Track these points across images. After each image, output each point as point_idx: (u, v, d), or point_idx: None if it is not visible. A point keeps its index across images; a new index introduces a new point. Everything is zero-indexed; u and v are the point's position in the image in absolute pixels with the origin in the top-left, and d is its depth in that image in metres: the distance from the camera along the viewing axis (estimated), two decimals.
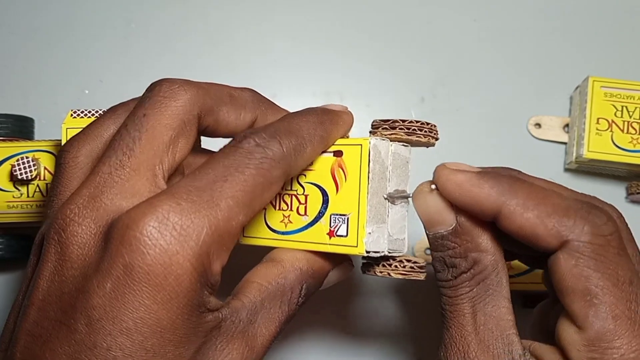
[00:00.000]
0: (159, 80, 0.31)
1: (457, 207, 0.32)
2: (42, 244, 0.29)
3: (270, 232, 0.36)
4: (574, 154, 0.50)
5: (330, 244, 0.34)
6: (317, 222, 0.35)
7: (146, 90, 0.31)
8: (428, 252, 0.50)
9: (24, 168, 0.43)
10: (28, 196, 0.44)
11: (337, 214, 0.34)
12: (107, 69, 0.52)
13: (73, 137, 0.33)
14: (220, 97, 0.32)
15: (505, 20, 0.54)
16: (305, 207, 0.35)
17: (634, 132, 0.49)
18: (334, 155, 0.35)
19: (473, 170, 0.32)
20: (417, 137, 0.35)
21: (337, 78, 0.53)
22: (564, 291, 0.30)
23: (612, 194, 0.52)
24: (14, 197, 0.44)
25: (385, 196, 0.34)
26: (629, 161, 0.49)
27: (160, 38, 0.53)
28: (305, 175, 0.35)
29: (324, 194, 0.35)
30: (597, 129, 0.49)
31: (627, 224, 0.32)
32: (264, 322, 0.31)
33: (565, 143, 0.52)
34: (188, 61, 0.52)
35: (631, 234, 0.32)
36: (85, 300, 0.25)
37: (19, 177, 0.43)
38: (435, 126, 0.35)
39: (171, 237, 0.26)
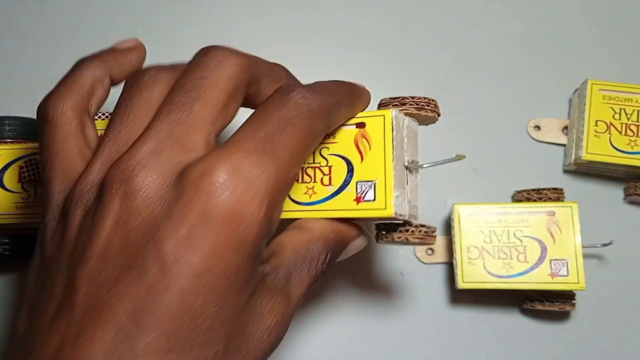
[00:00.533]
0: (212, 47, 0.31)
1: None
2: (66, 211, 0.29)
3: (295, 204, 0.37)
4: (573, 156, 0.50)
5: (358, 209, 0.36)
6: (342, 190, 0.37)
7: (198, 54, 0.31)
8: (430, 251, 0.50)
9: (32, 169, 0.43)
10: (36, 197, 0.44)
11: (363, 181, 0.36)
12: None
13: (53, 92, 0.33)
14: (264, 69, 0.33)
15: (505, 25, 0.55)
16: (330, 178, 0.37)
17: (631, 134, 0.49)
18: (356, 127, 0.37)
19: None
20: (425, 112, 0.37)
21: None
22: None
23: (610, 195, 0.52)
24: (21, 198, 0.44)
25: (406, 164, 0.36)
26: (627, 163, 0.49)
27: (165, 41, 0.53)
28: (328, 148, 0.37)
29: (349, 163, 0.37)
30: (596, 131, 0.49)
31: None
32: (296, 283, 0.32)
33: (564, 145, 0.52)
34: None
35: None
36: (157, 247, 0.26)
37: (28, 178, 0.43)
38: (437, 103, 0.38)
39: (244, 186, 0.27)
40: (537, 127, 0.52)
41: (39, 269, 0.30)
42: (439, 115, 0.38)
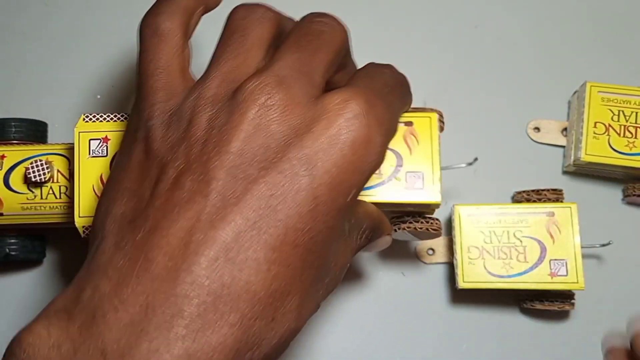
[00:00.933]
0: (325, 13, 0.34)
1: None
2: (184, 116, 0.30)
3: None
4: (572, 157, 0.50)
5: (408, 197, 0.41)
6: (392, 178, 0.41)
7: (313, 15, 0.34)
8: (430, 252, 0.50)
9: (38, 171, 0.43)
10: (41, 198, 0.44)
11: (412, 172, 0.41)
12: (118, 75, 0.52)
13: (161, 8, 0.34)
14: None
15: (505, 27, 0.55)
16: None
17: (630, 135, 0.49)
18: (405, 125, 0.42)
19: None
20: (441, 124, 0.43)
21: None
22: None
23: (609, 196, 0.52)
24: (27, 199, 0.44)
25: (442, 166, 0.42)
26: (626, 164, 0.49)
27: None
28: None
29: (398, 156, 0.41)
30: (595, 133, 0.49)
31: None
32: (350, 239, 0.34)
33: (563, 146, 0.52)
34: (199, 68, 0.53)
35: None
36: (300, 152, 0.28)
37: (33, 179, 0.43)
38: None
39: (377, 122, 0.30)
40: (537, 129, 0.52)
41: (143, 165, 0.30)
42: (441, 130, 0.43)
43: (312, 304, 0.31)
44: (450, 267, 0.50)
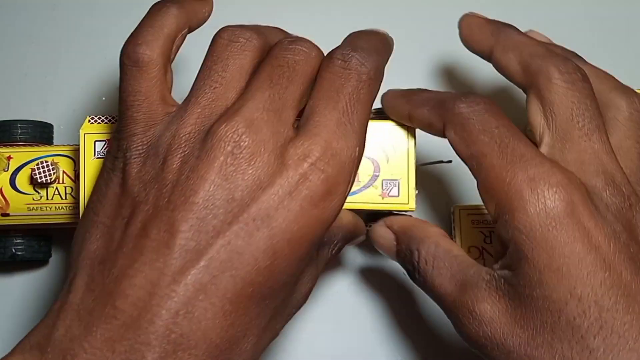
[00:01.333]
0: (301, 38, 0.35)
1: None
2: (160, 153, 0.32)
3: None
4: None
5: (384, 203, 0.41)
6: (369, 186, 0.41)
7: (289, 40, 0.34)
8: None
9: (44, 172, 0.43)
10: (47, 199, 0.44)
11: (388, 179, 0.41)
12: None
13: (139, 36, 0.35)
14: None
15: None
16: (358, 175, 0.41)
17: None
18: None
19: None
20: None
21: None
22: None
23: None
24: (33, 199, 0.44)
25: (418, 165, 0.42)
26: None
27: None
28: None
29: (375, 164, 0.42)
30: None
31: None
32: (320, 259, 0.36)
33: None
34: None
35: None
36: (260, 207, 0.30)
37: (39, 180, 0.43)
38: None
39: (338, 168, 0.31)
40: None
41: (118, 200, 0.32)
42: None
43: (269, 336, 0.33)
44: None
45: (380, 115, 0.43)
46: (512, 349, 0.33)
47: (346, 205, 0.39)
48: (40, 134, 0.47)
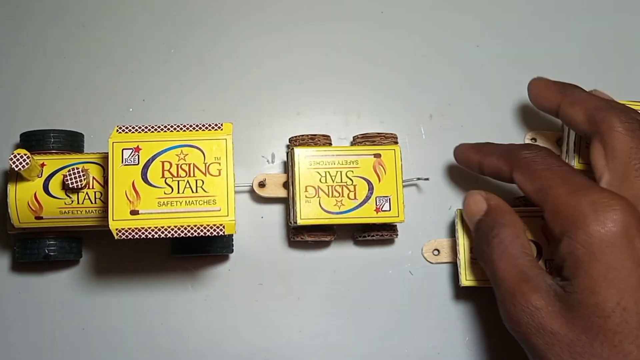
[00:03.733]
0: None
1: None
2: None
3: (326, 213, 0.46)
4: None
5: (378, 217, 0.46)
6: (365, 203, 0.46)
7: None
8: (436, 252, 0.50)
9: (75, 178, 0.43)
10: (78, 203, 0.45)
11: (381, 196, 0.46)
12: (149, 89, 0.53)
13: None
14: None
15: (505, 47, 0.55)
16: (355, 193, 0.46)
17: None
18: (374, 157, 0.47)
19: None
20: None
21: (355, 98, 0.54)
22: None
23: None
24: (65, 203, 0.45)
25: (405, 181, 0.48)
26: None
27: (196, 62, 0.54)
28: (352, 172, 0.47)
29: (369, 183, 0.47)
30: (586, 143, 0.50)
31: None
32: None
33: (558, 155, 0.53)
34: (222, 84, 0.53)
35: None
36: None
37: (70, 186, 0.43)
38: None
39: None
40: (534, 139, 0.53)
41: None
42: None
43: None
44: (454, 266, 0.50)
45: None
46: (556, 341, 0.36)
47: (346, 220, 0.46)
48: (72, 142, 0.48)
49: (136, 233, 0.39)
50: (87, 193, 0.45)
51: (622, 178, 0.40)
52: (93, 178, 0.45)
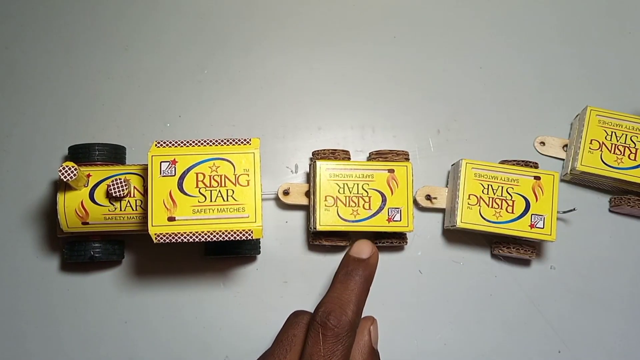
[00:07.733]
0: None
1: None
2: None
3: (343, 221, 0.46)
4: (569, 167, 0.51)
5: (389, 226, 0.47)
6: (378, 213, 0.47)
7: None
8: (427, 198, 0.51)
9: (118, 187, 0.44)
10: (120, 210, 0.45)
11: (393, 207, 0.47)
12: (185, 106, 0.53)
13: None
14: None
15: (506, 68, 0.56)
16: (369, 204, 0.47)
17: (619, 152, 0.50)
18: (387, 172, 0.47)
19: None
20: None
21: (370, 115, 0.54)
22: None
23: (598, 204, 0.53)
24: (109, 210, 0.45)
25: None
26: (613, 176, 0.50)
27: (227, 82, 0.54)
28: (368, 184, 0.47)
29: (383, 195, 0.47)
30: (590, 148, 0.50)
31: None
32: None
33: (563, 159, 0.53)
34: (250, 101, 0.54)
35: None
36: None
37: (114, 194, 0.44)
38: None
39: None
40: (542, 143, 0.53)
41: None
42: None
43: None
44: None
45: (385, 156, 0.47)
46: None
47: (361, 228, 0.46)
48: (115, 155, 0.48)
49: (173, 237, 0.39)
50: (128, 201, 0.45)
51: None
52: (134, 187, 0.45)
